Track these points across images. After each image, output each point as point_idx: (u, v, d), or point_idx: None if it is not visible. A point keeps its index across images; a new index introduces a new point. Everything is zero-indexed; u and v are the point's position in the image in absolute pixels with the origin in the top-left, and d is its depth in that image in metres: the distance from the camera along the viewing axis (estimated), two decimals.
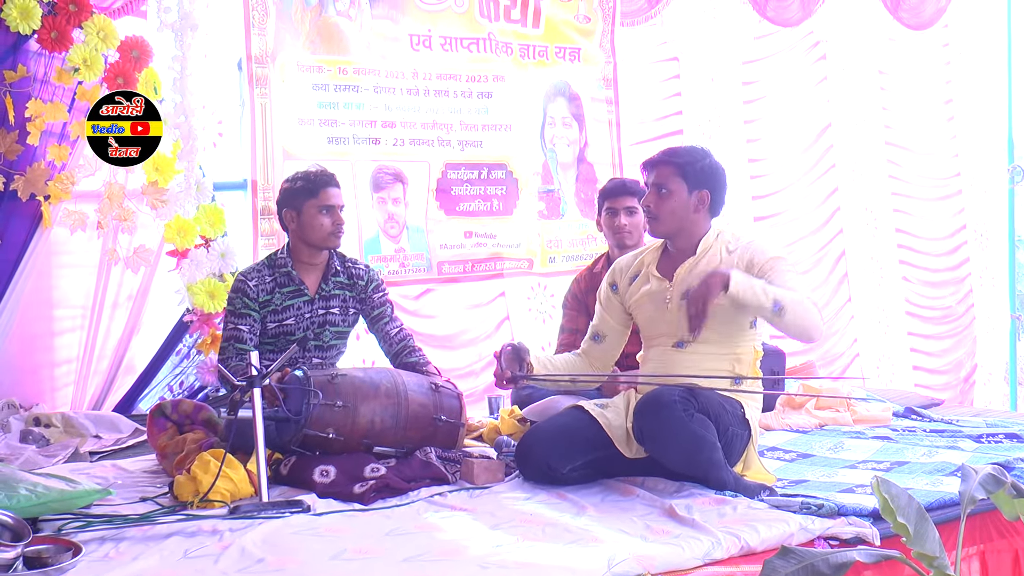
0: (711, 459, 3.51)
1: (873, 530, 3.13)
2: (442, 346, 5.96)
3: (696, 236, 3.82)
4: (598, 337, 4.04)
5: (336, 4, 5.68)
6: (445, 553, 2.96)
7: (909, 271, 7.91)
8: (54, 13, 4.97)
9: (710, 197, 3.80)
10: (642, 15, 6.77)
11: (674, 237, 3.85)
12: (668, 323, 3.78)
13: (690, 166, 3.79)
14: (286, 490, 3.66)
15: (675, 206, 3.78)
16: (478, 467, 3.79)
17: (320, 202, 4.27)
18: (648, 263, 3.92)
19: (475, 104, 6.19)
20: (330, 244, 4.32)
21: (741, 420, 3.68)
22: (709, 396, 3.60)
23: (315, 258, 4.35)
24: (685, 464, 3.56)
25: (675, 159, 3.83)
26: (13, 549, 2.78)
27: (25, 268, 5.04)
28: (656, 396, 3.55)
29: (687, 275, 3.76)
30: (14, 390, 5.11)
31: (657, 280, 3.84)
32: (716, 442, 3.53)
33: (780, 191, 7.36)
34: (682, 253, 3.84)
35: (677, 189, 3.77)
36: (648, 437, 3.57)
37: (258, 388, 3.51)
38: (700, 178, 3.79)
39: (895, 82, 7.84)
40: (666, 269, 3.85)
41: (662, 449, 3.56)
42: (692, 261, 3.79)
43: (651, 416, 3.53)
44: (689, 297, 3.52)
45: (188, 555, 2.96)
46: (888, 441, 4.40)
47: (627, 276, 3.98)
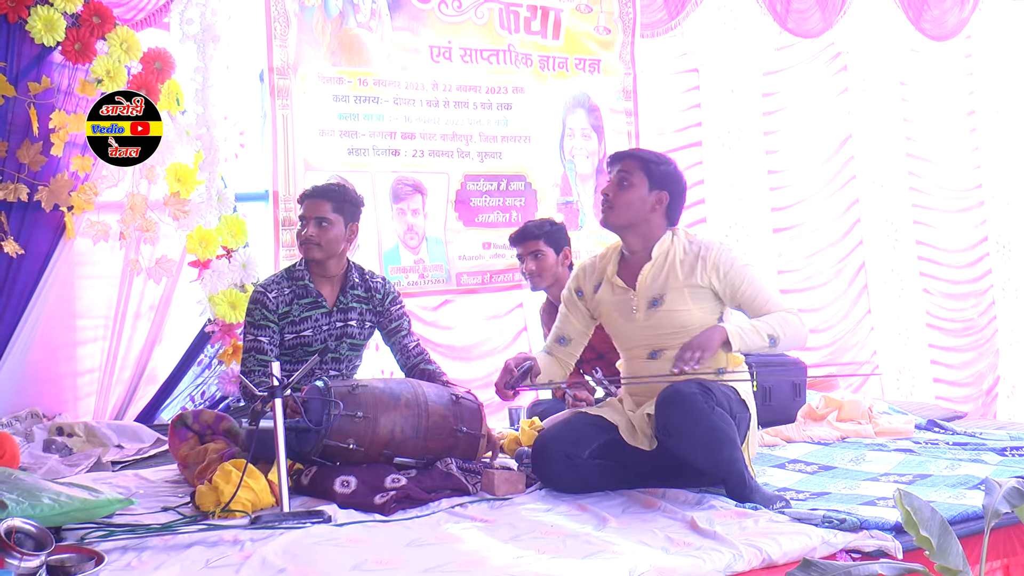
0: (733, 456, 3.52)
1: (896, 543, 3.11)
2: (460, 357, 5.97)
3: (651, 238, 3.85)
4: (563, 340, 4.08)
5: (357, 16, 5.70)
6: (466, 564, 2.95)
7: (930, 283, 7.87)
8: (78, 25, 5.02)
9: (668, 200, 3.84)
10: (662, 26, 6.78)
11: (626, 232, 3.87)
12: (638, 332, 3.83)
13: (655, 165, 3.86)
14: (307, 500, 3.66)
15: (633, 198, 3.81)
16: (499, 478, 3.78)
17: (303, 212, 4.32)
18: (609, 270, 3.94)
19: (494, 115, 6.20)
20: (304, 253, 4.32)
21: (739, 402, 3.71)
22: (718, 387, 3.63)
23: (329, 270, 4.35)
24: (706, 458, 3.56)
25: (642, 155, 3.93)
26: (36, 558, 2.79)
27: (49, 278, 5.08)
28: (676, 390, 3.56)
29: (651, 283, 3.80)
30: (37, 400, 5.14)
31: (621, 288, 3.87)
32: (736, 438, 3.55)
33: (800, 203, 7.34)
34: (637, 257, 3.87)
35: (639, 183, 3.82)
36: (672, 431, 3.57)
37: (279, 398, 3.51)
38: (663, 179, 3.84)
39: (917, 93, 7.82)
40: (627, 275, 3.88)
41: (684, 442, 3.55)
42: (651, 266, 3.82)
43: (673, 409, 3.54)
44: (687, 346, 3.60)
45: (210, 565, 2.96)
46: (910, 454, 4.38)
47: (591, 282, 4.01)
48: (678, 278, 3.76)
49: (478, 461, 4.00)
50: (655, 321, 3.76)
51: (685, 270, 3.76)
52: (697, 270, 3.75)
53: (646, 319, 3.78)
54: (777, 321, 3.67)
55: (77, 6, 5.00)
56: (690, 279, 3.75)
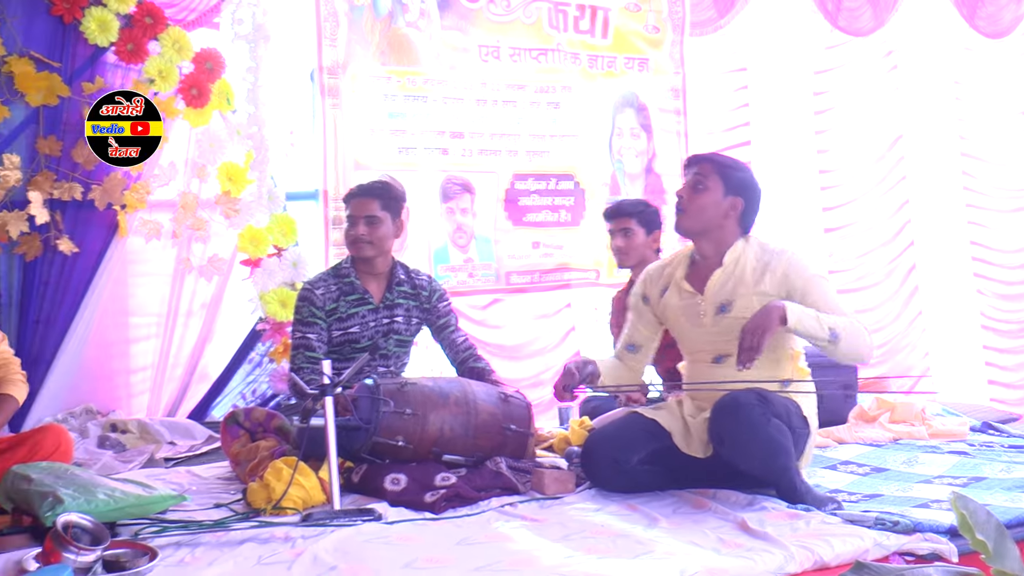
0: (786, 466, 3.48)
1: (951, 546, 3.06)
2: (509, 356, 5.97)
3: (723, 244, 3.78)
4: (632, 347, 4.04)
5: (406, 15, 5.72)
6: (515, 563, 2.95)
7: (984, 284, 7.77)
8: (131, 26, 5.08)
9: (742, 207, 3.78)
10: (711, 25, 6.75)
11: (699, 238, 3.81)
12: (704, 338, 3.78)
13: (731, 171, 3.80)
14: (357, 498, 3.68)
15: (707, 203, 3.75)
16: (548, 477, 3.77)
17: (350, 211, 4.33)
18: (678, 275, 3.89)
19: (543, 114, 6.20)
20: (355, 252, 4.32)
21: (801, 418, 3.66)
22: (777, 398, 3.58)
23: (375, 268, 4.36)
24: (760, 467, 3.52)
25: (719, 159, 3.87)
26: (92, 552, 2.82)
27: (102, 276, 5.14)
28: (733, 398, 3.51)
29: (719, 288, 3.73)
30: (92, 396, 5.20)
31: (688, 293, 3.82)
32: (791, 448, 3.50)
33: (850, 202, 7.28)
34: (708, 262, 3.81)
35: (713, 187, 3.76)
36: (726, 440, 3.53)
37: (330, 396, 3.53)
38: (738, 186, 3.78)
39: (970, 92, 7.71)
40: (696, 280, 3.82)
41: (740, 452, 3.51)
42: (722, 272, 3.75)
43: (728, 417, 3.50)
44: (745, 330, 3.51)
45: (262, 561, 2.98)
46: (965, 456, 4.33)
47: (657, 287, 3.96)
48: (748, 285, 3.69)
49: (528, 460, 4.00)
50: (722, 327, 3.69)
51: (755, 277, 3.69)
52: (767, 277, 3.68)
53: (713, 324, 3.72)
54: (843, 321, 3.56)
55: (130, 7, 5.06)
56: (759, 286, 3.67)
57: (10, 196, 4.92)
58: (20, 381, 3.86)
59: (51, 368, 5.03)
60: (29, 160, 4.98)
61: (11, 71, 4.89)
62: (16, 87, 4.91)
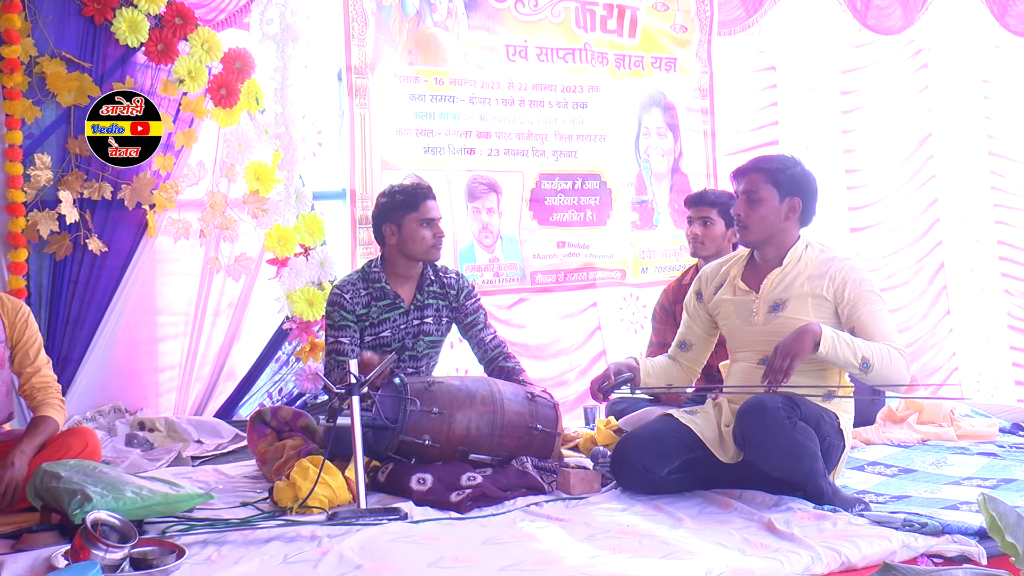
0: (812, 468, 3.47)
1: (980, 549, 3.05)
2: (534, 356, 5.97)
3: (785, 246, 3.77)
4: (684, 346, 4.02)
5: (433, 15, 5.73)
6: (541, 563, 2.95)
7: (1011, 284, 7.70)
8: (161, 26, 5.10)
9: (801, 205, 3.76)
10: (739, 24, 6.72)
11: (763, 246, 3.80)
12: (754, 336, 3.75)
13: (781, 173, 3.76)
14: (383, 497, 3.69)
15: (765, 213, 3.74)
16: (574, 477, 3.78)
17: (420, 215, 4.28)
18: (733, 273, 3.88)
19: (570, 114, 6.20)
20: (431, 257, 4.34)
21: (837, 431, 3.64)
22: (810, 405, 3.56)
23: (412, 270, 4.37)
24: (785, 471, 3.50)
25: (766, 166, 3.81)
26: (121, 550, 2.85)
27: (131, 275, 5.17)
28: (759, 401, 3.50)
29: (774, 287, 3.72)
30: (120, 395, 5.23)
31: (743, 291, 3.80)
32: (818, 451, 3.48)
33: (878, 202, 7.24)
34: (768, 263, 3.80)
35: (768, 196, 3.74)
36: (750, 443, 3.53)
37: (356, 396, 3.54)
38: (791, 185, 3.75)
39: (1000, 91, 7.65)
40: (752, 279, 3.81)
41: (763, 455, 3.51)
42: (779, 272, 3.74)
43: (754, 421, 3.49)
44: (778, 350, 3.50)
45: (288, 560, 2.99)
46: (994, 457, 4.30)
47: (712, 285, 3.95)
48: (803, 286, 3.68)
49: (554, 460, 4.00)
50: (773, 326, 3.67)
51: (812, 279, 3.69)
52: (824, 281, 3.67)
53: (765, 323, 3.71)
54: (879, 350, 3.53)
55: (160, 7, 5.08)
56: (815, 289, 3.67)
57: (41, 196, 4.96)
58: (59, 406, 3.82)
59: (80, 367, 5.06)
60: (60, 160, 5.01)
61: (43, 71, 4.93)
62: (48, 87, 4.95)
